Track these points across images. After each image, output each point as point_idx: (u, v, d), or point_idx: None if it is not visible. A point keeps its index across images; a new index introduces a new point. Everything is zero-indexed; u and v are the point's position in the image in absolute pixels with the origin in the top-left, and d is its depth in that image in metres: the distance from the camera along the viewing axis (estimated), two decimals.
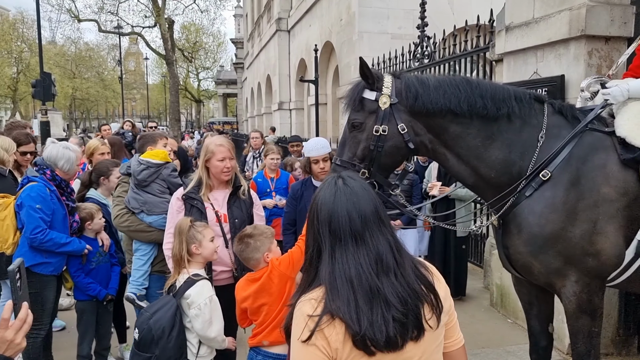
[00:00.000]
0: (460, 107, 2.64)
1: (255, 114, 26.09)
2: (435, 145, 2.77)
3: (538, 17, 4.50)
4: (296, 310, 1.47)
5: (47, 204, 3.52)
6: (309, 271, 1.54)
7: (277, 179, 5.44)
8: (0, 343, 1.46)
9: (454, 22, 9.78)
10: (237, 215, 3.26)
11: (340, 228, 1.47)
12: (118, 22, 32.95)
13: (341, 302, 1.40)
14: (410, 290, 1.45)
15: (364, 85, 2.70)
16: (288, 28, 17.34)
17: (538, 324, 3.09)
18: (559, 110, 2.81)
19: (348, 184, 1.54)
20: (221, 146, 3.22)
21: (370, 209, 1.51)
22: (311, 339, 1.39)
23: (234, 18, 48.04)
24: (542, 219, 2.64)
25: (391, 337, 1.39)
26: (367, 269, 1.44)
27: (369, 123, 2.68)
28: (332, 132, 13.32)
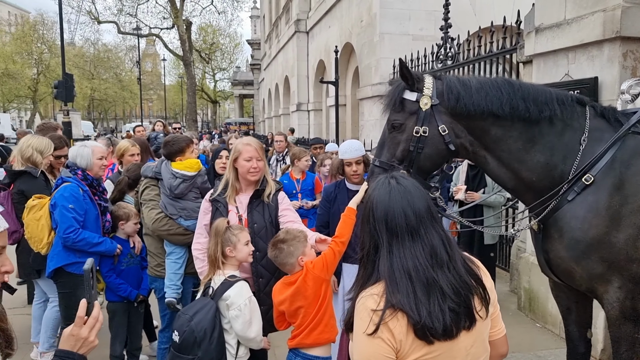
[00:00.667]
0: (502, 109, 2.60)
1: (273, 115, 26.16)
2: (475, 147, 2.73)
3: (570, 19, 4.44)
4: (359, 305, 1.55)
5: (80, 203, 3.56)
6: (366, 266, 1.62)
7: (303, 180, 5.45)
8: (76, 341, 1.52)
9: (476, 23, 9.75)
10: (257, 220, 3.14)
11: (396, 225, 1.57)
12: (137, 23, 33.35)
13: (401, 295, 1.49)
14: (462, 283, 1.55)
15: (404, 86, 2.67)
16: (307, 29, 17.35)
17: (576, 329, 3.03)
18: (601, 113, 2.75)
19: (401, 183, 1.64)
20: (248, 145, 3.14)
21: (423, 205, 1.61)
22: (377, 332, 1.47)
23: (250, 19, 48.31)
24: (585, 223, 2.58)
25: (447, 327, 1.49)
26: (423, 262, 1.54)
27: (409, 124, 2.65)
28: (352, 133, 13.30)
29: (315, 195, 5.50)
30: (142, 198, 3.79)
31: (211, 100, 57.44)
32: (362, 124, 11.25)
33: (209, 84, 58.73)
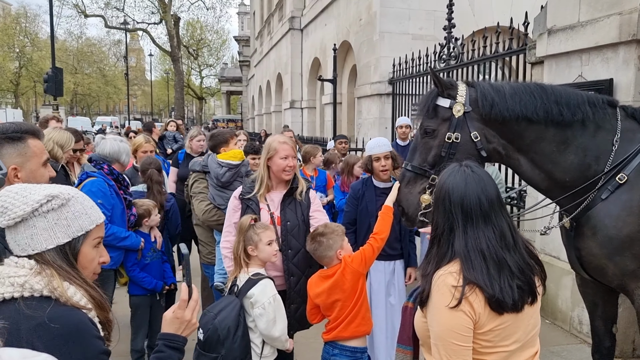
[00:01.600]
0: (536, 114, 2.67)
1: (264, 112, 26.09)
2: (509, 151, 2.79)
3: (584, 21, 4.53)
4: (439, 282, 1.70)
5: (108, 198, 3.55)
6: (440, 245, 1.78)
7: (317, 177, 5.49)
8: (180, 323, 1.57)
9: (475, 24, 9.90)
10: (290, 218, 3.14)
11: (471, 209, 1.73)
12: (124, 18, 32.98)
13: (476, 272, 1.67)
14: (525, 263, 1.74)
15: (437, 93, 2.74)
16: (301, 27, 17.35)
17: (602, 324, 3.11)
18: (632, 114, 2.84)
19: (475, 171, 1.80)
20: (285, 144, 3.13)
21: (495, 193, 1.78)
22: (459, 305, 1.65)
23: (238, 16, 48.08)
24: (619, 221, 2.66)
25: (516, 301, 1.68)
26: (494, 244, 1.71)
27: (441, 130, 2.71)
28: (347, 131, 13.34)
29: (327, 191, 5.54)
30: (192, 191, 3.94)
31: (197, 96, 57.10)
32: (359, 122, 11.30)
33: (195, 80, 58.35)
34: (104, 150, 3.80)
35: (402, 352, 2.14)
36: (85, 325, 1.37)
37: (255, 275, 2.85)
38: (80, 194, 1.54)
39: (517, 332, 1.72)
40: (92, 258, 1.54)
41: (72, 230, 1.47)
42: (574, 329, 4.79)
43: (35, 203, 1.41)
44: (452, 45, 7.55)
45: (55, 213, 1.44)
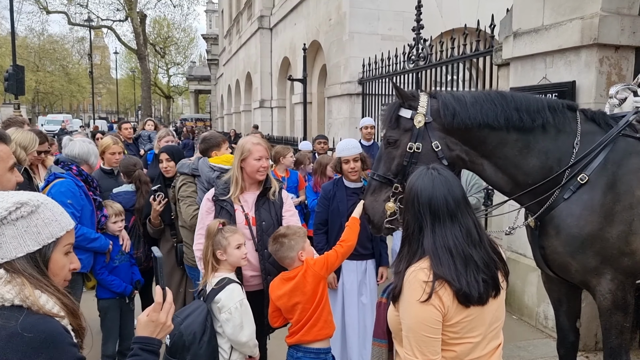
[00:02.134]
0: (497, 121, 2.76)
1: (233, 111, 25.88)
2: (472, 157, 2.88)
3: (548, 25, 4.66)
4: (411, 278, 1.81)
5: (77, 199, 3.49)
6: (411, 244, 1.89)
7: (288, 177, 5.48)
8: (155, 326, 1.58)
9: (443, 25, 10.06)
10: (265, 218, 3.20)
11: (439, 209, 1.84)
12: (88, 14, 32.22)
13: (444, 267, 1.78)
14: (490, 258, 1.86)
15: (400, 104, 2.82)
16: (270, 26, 17.27)
17: (567, 319, 3.22)
18: (592, 117, 2.95)
19: (442, 173, 1.91)
20: (258, 145, 3.18)
21: (461, 193, 1.89)
22: (429, 300, 1.76)
23: (206, 13, 47.55)
24: (581, 220, 2.76)
25: (481, 294, 1.80)
26: (461, 241, 1.83)
27: (403, 140, 2.79)
28: (317, 130, 13.36)
29: (299, 192, 5.54)
30: (180, 194, 3.91)
31: (165, 95, 56.22)
32: (330, 122, 11.34)
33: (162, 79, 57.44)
34: (72, 152, 3.73)
35: (377, 345, 2.23)
36: (59, 333, 1.35)
37: (223, 279, 2.81)
38: (49, 201, 1.51)
39: (483, 324, 1.85)
40: (63, 265, 1.51)
41: (42, 238, 1.44)
42: (539, 324, 4.92)
43: (4, 211, 1.38)
44: (421, 47, 7.65)
45: (25, 220, 1.41)
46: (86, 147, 3.75)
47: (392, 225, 2.80)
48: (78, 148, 3.73)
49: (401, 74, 8.10)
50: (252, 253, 3.11)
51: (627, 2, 4.24)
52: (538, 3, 4.81)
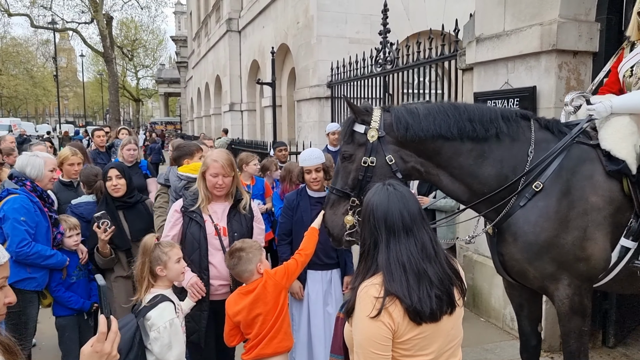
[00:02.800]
0: (450, 132, 2.80)
1: (203, 114, 25.59)
2: (427, 167, 2.91)
3: (509, 30, 4.72)
4: (362, 293, 1.80)
5: (31, 215, 3.39)
6: (367, 259, 1.88)
7: (254, 185, 5.41)
8: (100, 357, 1.53)
9: (410, 28, 10.14)
10: (237, 229, 3.25)
11: (394, 223, 1.83)
12: (52, 17, 31.39)
13: (396, 283, 1.76)
14: (445, 274, 1.83)
15: (354, 119, 2.86)
16: (239, 29, 17.13)
17: (528, 324, 3.26)
18: (545, 125, 3.00)
19: (397, 189, 1.91)
20: (215, 162, 3.19)
21: (416, 208, 1.88)
22: (379, 316, 1.73)
23: (175, 15, 46.93)
24: (537, 227, 2.80)
25: (433, 310, 1.76)
26: (415, 256, 1.81)
27: (358, 155, 2.83)
28: (288, 134, 13.32)
29: (265, 199, 5.48)
30: (154, 206, 3.92)
31: (134, 98, 55.25)
32: (299, 126, 11.30)
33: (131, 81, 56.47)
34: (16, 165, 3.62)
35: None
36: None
37: (157, 297, 2.71)
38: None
39: (437, 342, 1.82)
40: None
41: None
42: (506, 326, 4.98)
43: None
44: (388, 50, 7.68)
45: None
46: (25, 159, 3.64)
47: (352, 238, 2.82)
48: (19, 161, 3.67)
49: (369, 78, 8.12)
50: (222, 263, 3.14)
51: (584, 9, 4.32)
52: (499, 9, 4.87)
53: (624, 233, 2.80)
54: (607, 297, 4.46)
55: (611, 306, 4.49)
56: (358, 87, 8.54)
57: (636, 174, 2.79)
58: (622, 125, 2.85)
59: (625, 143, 2.81)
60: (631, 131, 2.84)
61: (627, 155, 2.78)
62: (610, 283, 2.99)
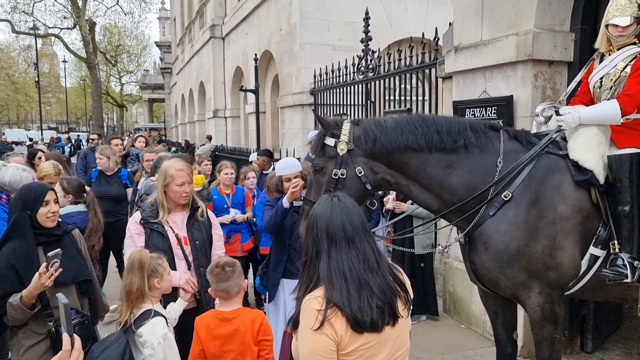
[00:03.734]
0: (418, 143, 2.87)
1: (187, 120, 25.46)
2: (397, 178, 2.98)
3: (486, 40, 4.79)
4: (305, 307, 1.82)
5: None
6: (309, 269, 1.90)
7: (233, 194, 5.39)
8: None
9: (393, 36, 10.20)
10: (198, 237, 3.34)
11: (336, 233, 1.86)
12: (34, 22, 31.05)
13: (337, 292, 1.78)
14: (387, 285, 1.85)
15: (324, 133, 2.95)
16: (222, 35, 17.11)
17: (504, 331, 3.30)
18: (514, 136, 3.06)
19: (341, 200, 1.95)
20: (181, 171, 3.30)
21: (359, 219, 1.91)
22: (321, 328, 1.75)
23: (159, 21, 46.72)
24: (507, 236, 2.86)
25: (374, 320, 1.78)
26: (357, 266, 1.83)
27: (329, 167, 2.91)
28: (272, 140, 13.31)
29: (245, 208, 5.46)
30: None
31: (117, 104, 54.77)
32: (283, 132, 11.30)
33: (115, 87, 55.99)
34: (3, 179, 3.57)
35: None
36: None
37: (148, 312, 2.67)
38: None
39: (382, 352, 1.84)
40: None
41: None
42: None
43: None
44: (370, 58, 7.73)
45: None
46: (19, 175, 3.60)
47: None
48: (10, 176, 3.59)
49: (351, 85, 8.17)
50: (185, 272, 3.24)
51: (559, 19, 4.40)
52: (476, 19, 4.94)
53: (592, 241, 2.86)
54: (584, 303, 4.52)
55: (589, 312, 4.55)
56: (341, 94, 8.58)
57: (604, 184, 2.85)
58: (590, 136, 2.92)
59: (593, 153, 2.87)
60: (598, 142, 2.91)
61: (595, 165, 2.84)
62: (581, 291, 3.05)
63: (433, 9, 10.88)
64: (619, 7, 3.05)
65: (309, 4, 10.23)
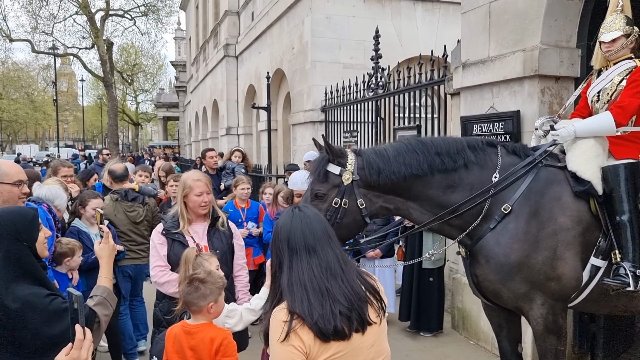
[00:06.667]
0: (421, 169, 2.89)
1: (200, 138, 25.76)
2: (397, 204, 2.99)
3: (493, 56, 4.84)
4: (272, 319, 1.80)
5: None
6: (274, 282, 1.90)
7: (248, 208, 5.47)
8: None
9: (403, 54, 10.30)
10: (218, 247, 3.38)
11: (296, 243, 1.84)
12: (53, 42, 31.77)
13: (297, 302, 1.76)
14: (354, 292, 1.81)
15: (328, 159, 2.90)
16: (236, 54, 17.39)
17: (508, 344, 3.30)
18: (513, 151, 3.10)
19: (303, 210, 1.94)
20: (199, 181, 3.37)
21: (321, 228, 1.89)
22: (287, 340, 1.72)
23: (175, 40, 47.54)
24: (507, 248, 2.88)
25: (338, 328, 1.74)
26: (318, 274, 1.80)
27: (330, 195, 2.87)
28: (283, 157, 13.40)
29: (259, 223, 5.52)
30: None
31: (133, 122, 55.61)
32: (294, 149, 11.40)
33: (131, 105, 56.88)
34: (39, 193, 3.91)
35: None
36: None
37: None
38: None
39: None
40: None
41: None
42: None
43: None
44: (380, 75, 7.82)
45: None
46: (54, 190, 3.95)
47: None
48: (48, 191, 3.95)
49: (362, 102, 8.26)
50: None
51: (566, 36, 4.45)
52: (484, 36, 5.00)
53: (593, 252, 2.87)
54: (594, 320, 4.47)
55: (599, 328, 4.50)
56: (351, 111, 8.66)
57: (602, 195, 2.87)
58: (588, 148, 2.95)
59: (590, 164, 2.90)
60: (596, 153, 2.93)
61: (592, 176, 2.86)
62: (585, 302, 3.04)
63: (443, 27, 10.99)
64: (606, 25, 3.16)
65: (321, 23, 10.40)
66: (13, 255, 2.01)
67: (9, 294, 1.93)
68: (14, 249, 2.01)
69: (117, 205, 4.73)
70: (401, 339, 5.35)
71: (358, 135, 8.42)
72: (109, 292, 2.31)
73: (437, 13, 11.31)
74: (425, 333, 5.40)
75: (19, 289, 1.96)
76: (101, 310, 2.19)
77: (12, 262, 2.00)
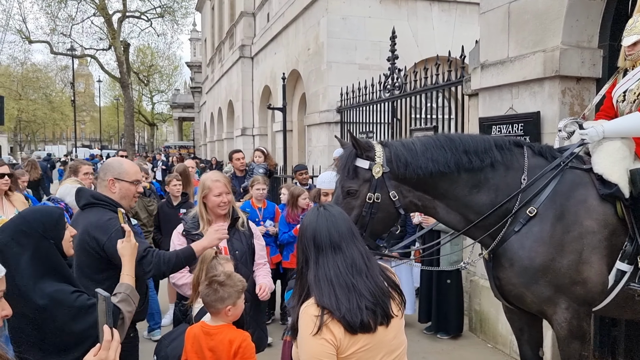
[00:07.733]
0: (448, 167, 2.85)
1: (216, 138, 25.91)
2: (424, 201, 2.96)
3: (513, 57, 4.79)
4: (303, 313, 1.86)
5: None
6: (301, 279, 1.95)
7: (265, 208, 5.49)
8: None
9: (419, 54, 10.26)
10: (238, 247, 3.39)
11: (322, 241, 1.91)
12: (71, 44, 32.19)
13: (325, 297, 1.83)
14: (377, 287, 1.89)
15: (355, 154, 2.84)
16: (252, 55, 17.46)
17: (529, 348, 3.25)
18: (539, 152, 3.05)
19: (328, 209, 2.01)
20: (217, 181, 3.40)
21: (346, 226, 1.96)
22: (320, 333, 1.79)
23: (190, 42, 47.89)
24: (532, 252, 2.83)
25: (365, 321, 1.82)
26: (343, 271, 1.87)
27: (362, 191, 2.82)
28: (298, 158, 13.41)
29: (275, 223, 5.54)
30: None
31: (148, 122, 56.11)
32: (309, 150, 11.41)
33: (147, 106, 57.43)
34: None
35: None
36: None
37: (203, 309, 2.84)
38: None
39: (380, 353, 1.88)
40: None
41: None
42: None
43: None
44: (396, 76, 7.79)
45: None
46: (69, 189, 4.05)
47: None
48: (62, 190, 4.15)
49: (378, 103, 8.23)
50: None
51: (587, 36, 4.39)
52: (503, 36, 4.95)
53: (619, 256, 2.81)
54: (616, 324, 4.40)
55: (620, 333, 4.43)
56: (367, 112, 8.64)
57: (629, 198, 2.81)
58: (614, 150, 2.89)
59: (617, 167, 2.84)
60: (623, 155, 2.88)
61: (619, 179, 2.81)
62: (609, 307, 2.98)
63: (460, 28, 10.92)
64: (627, 27, 3.11)
65: (337, 24, 10.38)
66: (41, 253, 2.09)
67: (37, 290, 2.02)
68: (41, 246, 2.09)
69: (139, 202, 5.30)
70: (418, 340, 5.32)
71: (374, 137, 8.39)
72: (131, 289, 2.37)
73: (453, 13, 11.24)
74: (443, 335, 5.36)
75: (46, 285, 2.04)
76: (125, 307, 2.28)
77: (40, 260, 2.07)
